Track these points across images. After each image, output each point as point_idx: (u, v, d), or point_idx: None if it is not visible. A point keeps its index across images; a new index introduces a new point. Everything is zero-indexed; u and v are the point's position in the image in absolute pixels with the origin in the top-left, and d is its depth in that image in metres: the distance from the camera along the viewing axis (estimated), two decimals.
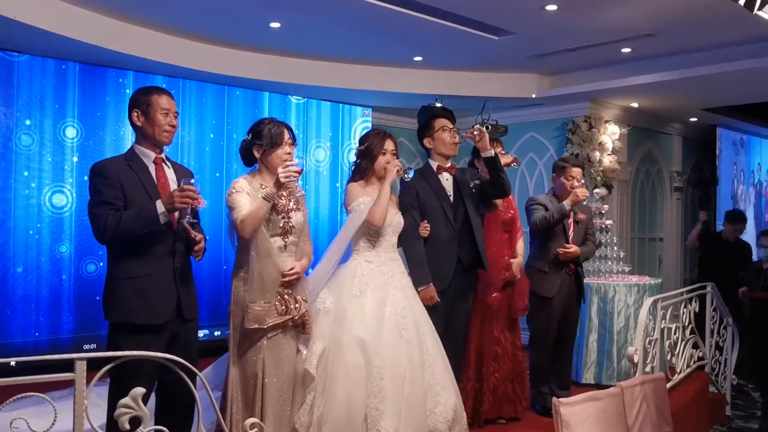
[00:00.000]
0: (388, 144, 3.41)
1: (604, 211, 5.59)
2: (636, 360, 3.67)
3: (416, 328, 3.21)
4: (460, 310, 3.69)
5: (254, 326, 2.83)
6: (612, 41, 5.22)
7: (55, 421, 1.57)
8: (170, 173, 2.79)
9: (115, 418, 1.64)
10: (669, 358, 4.37)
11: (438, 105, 5.90)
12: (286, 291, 2.90)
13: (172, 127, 2.75)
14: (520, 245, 4.19)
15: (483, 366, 3.90)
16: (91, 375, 1.63)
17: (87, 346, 5.04)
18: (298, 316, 2.93)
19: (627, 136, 7.03)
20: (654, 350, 4.01)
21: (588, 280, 5.14)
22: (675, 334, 4.37)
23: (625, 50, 5.47)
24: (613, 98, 6.58)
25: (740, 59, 5.25)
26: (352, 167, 3.50)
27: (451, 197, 3.69)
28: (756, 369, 5.93)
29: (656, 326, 4.12)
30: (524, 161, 6.91)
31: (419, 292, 3.41)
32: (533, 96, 6.35)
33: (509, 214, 4.14)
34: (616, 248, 5.58)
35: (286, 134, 3.00)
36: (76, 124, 5.09)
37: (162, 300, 2.64)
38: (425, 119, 3.88)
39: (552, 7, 4.41)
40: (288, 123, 3.10)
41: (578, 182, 4.22)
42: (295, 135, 3.09)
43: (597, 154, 6.51)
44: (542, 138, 6.96)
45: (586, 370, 5.09)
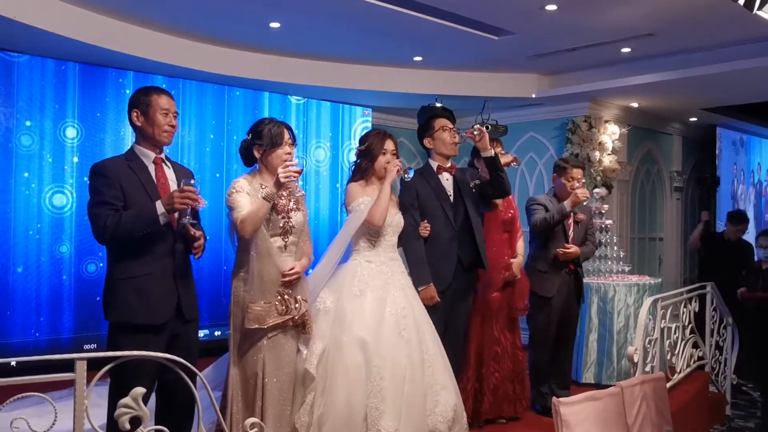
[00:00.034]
0: (388, 144, 3.41)
1: (604, 211, 5.59)
2: (636, 360, 3.67)
3: (416, 328, 3.21)
4: (460, 310, 3.69)
5: (254, 326, 2.83)
6: (612, 41, 5.22)
7: (55, 421, 1.57)
8: (170, 173, 2.79)
9: (115, 418, 1.64)
10: (669, 357, 4.37)
11: (438, 105, 5.90)
12: (287, 291, 2.91)
13: (171, 127, 2.75)
14: (520, 245, 4.19)
15: (483, 366, 3.90)
16: (91, 375, 1.63)
17: (87, 346, 5.04)
18: (299, 315, 2.93)
19: (627, 135, 7.03)
20: (654, 350, 4.01)
21: (588, 280, 5.15)
22: (675, 333, 4.37)
23: (625, 50, 5.47)
24: (612, 98, 6.58)
25: (740, 59, 5.25)
26: (352, 167, 3.50)
27: (451, 197, 3.69)
28: (756, 369, 5.93)
29: (656, 326, 4.12)
30: (524, 161, 6.91)
31: (419, 292, 3.41)
32: (533, 96, 6.35)
33: (509, 214, 4.14)
34: (616, 248, 5.59)
35: (286, 134, 3.00)
36: (76, 124, 5.09)
37: (162, 300, 2.65)
38: (425, 119, 3.88)
39: (552, 7, 4.41)
40: (288, 123, 3.10)
41: (579, 183, 4.22)
42: (295, 135, 3.09)
43: (597, 154, 6.51)
44: (542, 138, 6.96)
45: (586, 369, 5.09)
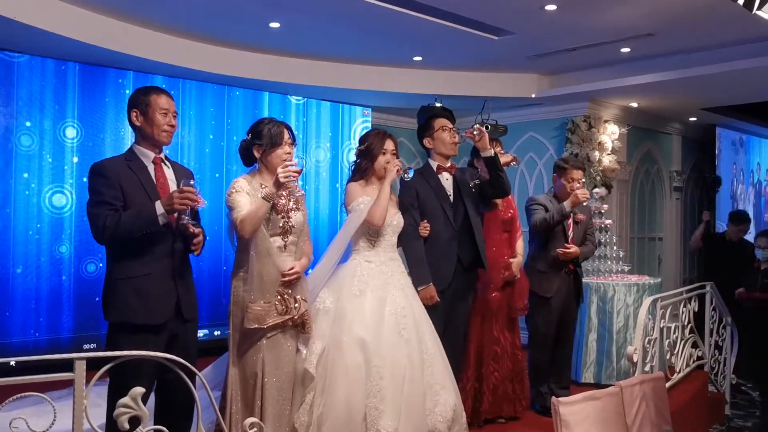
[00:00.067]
0: (388, 144, 3.41)
1: (603, 211, 5.59)
2: (635, 359, 3.67)
3: (416, 327, 3.22)
4: (459, 309, 3.69)
5: (254, 326, 2.83)
6: (611, 41, 5.22)
7: (54, 421, 1.57)
8: (169, 173, 2.79)
9: (114, 417, 1.64)
10: (668, 357, 4.37)
11: (438, 105, 5.91)
12: (286, 291, 2.91)
13: (171, 126, 2.75)
14: (520, 245, 4.19)
15: (482, 365, 3.90)
16: (90, 375, 1.63)
17: (87, 346, 5.04)
18: (298, 315, 2.93)
19: (626, 135, 7.03)
20: (653, 350, 4.01)
21: (587, 280, 5.15)
22: (674, 333, 4.37)
23: (625, 50, 5.47)
24: (612, 98, 6.58)
25: (739, 59, 5.25)
26: (352, 167, 3.50)
27: (451, 197, 3.69)
28: (755, 369, 5.93)
29: (655, 326, 4.12)
30: (524, 161, 6.91)
31: (419, 291, 3.41)
32: (533, 96, 6.35)
33: (509, 214, 4.14)
34: (616, 248, 5.58)
35: (286, 134, 3.00)
36: (75, 124, 5.09)
37: (161, 300, 2.65)
38: (425, 119, 3.88)
39: (551, 7, 4.41)
40: (288, 123, 3.10)
41: (579, 184, 4.22)
42: (295, 135, 3.09)
43: (596, 154, 6.51)
44: (542, 138, 6.96)
45: (586, 369, 5.09)
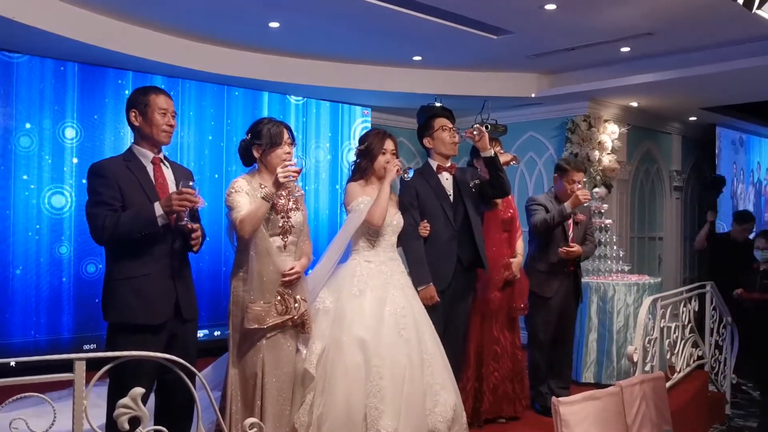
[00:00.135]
0: (388, 144, 3.41)
1: (603, 211, 5.59)
2: (635, 359, 3.67)
3: (416, 327, 3.21)
4: (459, 309, 3.69)
5: (254, 326, 2.83)
6: (611, 40, 5.21)
7: (54, 422, 1.57)
8: (168, 173, 2.79)
9: (114, 418, 1.64)
10: (668, 357, 4.37)
11: (437, 104, 5.91)
12: (286, 291, 2.90)
13: (170, 126, 2.75)
14: (520, 244, 4.19)
15: (483, 365, 3.90)
16: (90, 375, 1.63)
17: (87, 347, 5.04)
18: (298, 315, 2.93)
19: (626, 135, 7.02)
20: (653, 349, 4.01)
21: (587, 280, 5.15)
22: (674, 333, 4.37)
23: (624, 49, 5.47)
24: (612, 97, 6.58)
25: (739, 58, 5.24)
26: (352, 167, 3.50)
27: (451, 197, 3.69)
28: (755, 368, 5.93)
29: (656, 325, 4.12)
30: (524, 161, 6.91)
31: (419, 291, 3.41)
32: (532, 95, 6.35)
33: (509, 214, 4.14)
34: (616, 247, 5.58)
35: (286, 134, 3.00)
36: (75, 124, 5.09)
37: (161, 300, 2.64)
38: (425, 119, 3.88)
39: (551, 6, 4.41)
40: (287, 123, 3.10)
41: (579, 185, 4.21)
42: (294, 135, 3.09)
43: (596, 154, 6.51)
44: (542, 137, 6.96)
45: (586, 369, 5.09)
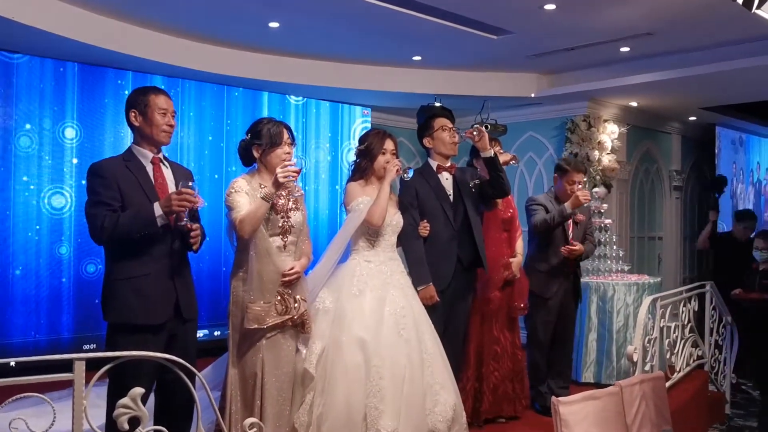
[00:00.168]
0: (388, 144, 3.41)
1: (603, 210, 5.59)
2: (635, 359, 3.67)
3: (415, 327, 3.21)
4: (459, 309, 3.69)
5: (254, 326, 2.83)
6: (611, 40, 5.21)
7: (54, 422, 1.57)
8: (168, 173, 2.79)
9: (114, 418, 1.64)
10: (668, 356, 4.37)
11: (437, 104, 5.91)
12: (286, 291, 2.90)
13: (170, 126, 2.75)
14: (519, 244, 4.19)
15: (482, 365, 3.90)
16: (90, 375, 1.63)
17: (87, 347, 5.04)
18: (298, 315, 2.93)
19: (626, 135, 7.02)
20: (653, 349, 4.02)
21: (587, 279, 5.15)
22: (674, 332, 4.37)
23: (624, 49, 5.47)
24: (612, 97, 6.58)
25: (739, 58, 5.24)
26: (352, 167, 3.49)
27: (451, 197, 3.69)
28: (755, 368, 5.93)
29: (655, 325, 4.12)
30: (523, 160, 6.91)
31: (419, 291, 3.41)
32: (532, 95, 6.35)
33: (508, 214, 4.14)
34: (616, 247, 5.58)
35: (285, 134, 3.00)
36: (75, 125, 5.09)
37: (160, 300, 2.64)
38: (424, 119, 3.88)
39: (551, 6, 4.41)
40: (287, 123, 3.10)
41: (579, 186, 4.21)
42: (294, 135, 3.09)
43: (596, 153, 6.51)
44: (541, 137, 6.96)
45: (586, 369, 5.09)
